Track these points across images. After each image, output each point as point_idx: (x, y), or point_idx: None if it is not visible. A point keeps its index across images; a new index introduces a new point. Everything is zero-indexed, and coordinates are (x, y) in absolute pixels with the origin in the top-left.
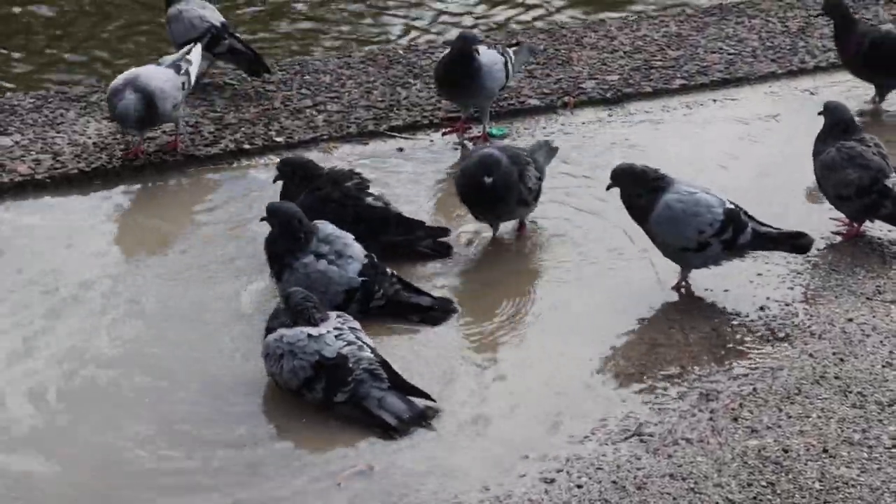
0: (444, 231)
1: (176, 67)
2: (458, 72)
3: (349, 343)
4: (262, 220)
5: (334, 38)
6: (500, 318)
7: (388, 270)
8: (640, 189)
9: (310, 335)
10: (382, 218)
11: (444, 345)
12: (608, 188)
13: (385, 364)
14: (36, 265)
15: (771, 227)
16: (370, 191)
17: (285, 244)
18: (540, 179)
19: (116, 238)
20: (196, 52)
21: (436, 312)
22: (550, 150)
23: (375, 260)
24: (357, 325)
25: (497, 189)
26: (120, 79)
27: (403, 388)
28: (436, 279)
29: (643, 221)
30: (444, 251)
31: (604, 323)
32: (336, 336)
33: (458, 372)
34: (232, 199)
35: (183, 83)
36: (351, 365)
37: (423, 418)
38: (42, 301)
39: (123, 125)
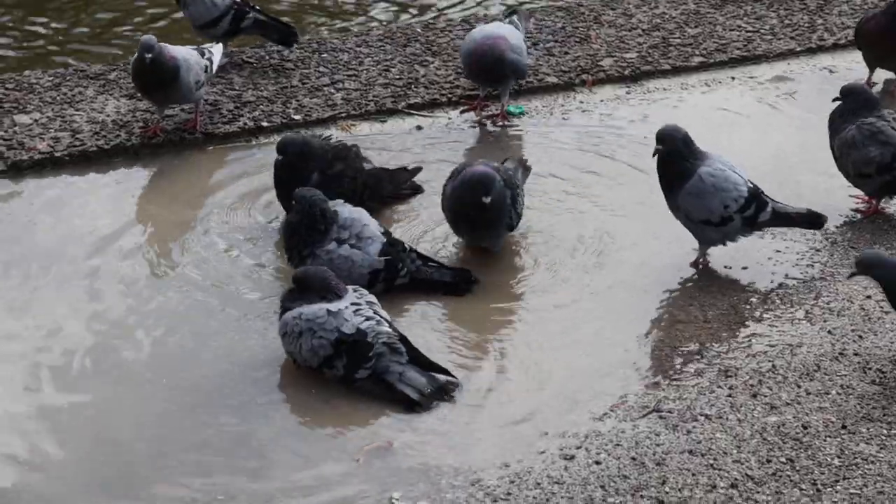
0: (416, 176)
1: (200, 51)
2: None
3: (368, 318)
4: (291, 206)
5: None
6: (516, 296)
7: (407, 246)
8: (687, 153)
9: (329, 311)
10: (379, 179)
11: (461, 323)
12: (655, 152)
13: (403, 338)
14: (56, 240)
15: (787, 205)
16: (362, 156)
17: (307, 234)
18: (522, 206)
19: (136, 214)
20: (217, 48)
21: (460, 285)
22: (525, 171)
23: (393, 237)
24: (374, 298)
25: (493, 210)
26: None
27: (422, 363)
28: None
29: (674, 188)
30: (418, 189)
31: (623, 300)
32: (354, 311)
33: (475, 350)
34: (250, 176)
35: (206, 66)
36: (370, 340)
37: (444, 392)
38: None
39: (145, 48)
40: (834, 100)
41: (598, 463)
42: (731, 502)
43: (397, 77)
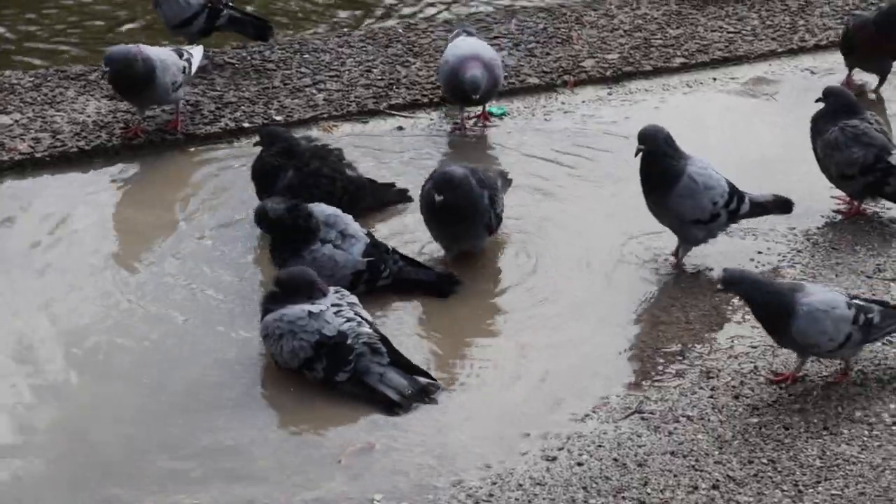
0: (405, 195)
1: (178, 52)
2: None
3: (348, 319)
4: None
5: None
6: (499, 299)
7: (390, 247)
8: (671, 152)
9: (310, 312)
10: (360, 187)
11: (443, 325)
12: (637, 152)
13: (384, 340)
14: (35, 240)
15: (757, 194)
16: (345, 161)
17: (291, 239)
18: (501, 211)
19: (117, 215)
20: (197, 50)
21: (443, 286)
22: (506, 182)
23: (376, 238)
24: (355, 299)
25: (450, 210)
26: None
27: (403, 364)
28: (437, 266)
29: (661, 190)
30: (406, 198)
31: (604, 302)
32: (335, 313)
33: (457, 351)
34: (231, 177)
35: (184, 67)
36: (350, 342)
37: (425, 394)
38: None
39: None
40: (817, 100)
41: (580, 464)
42: (712, 503)
43: (379, 78)
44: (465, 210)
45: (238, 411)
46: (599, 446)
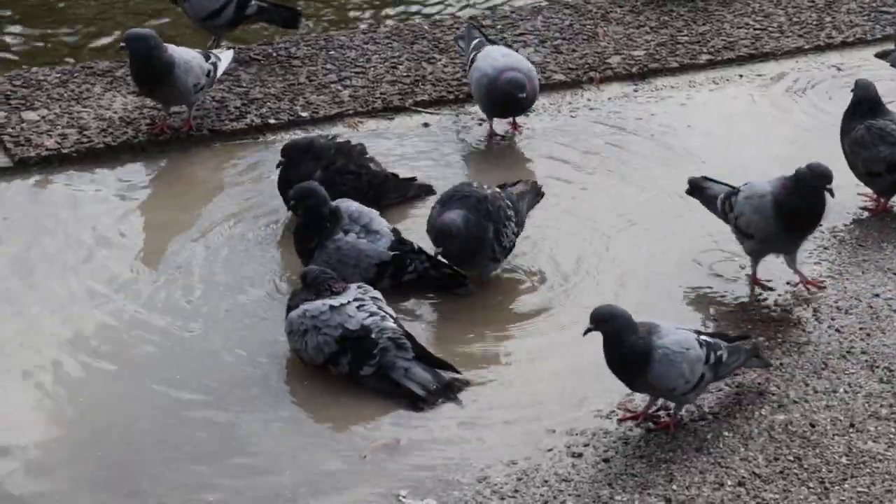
0: (428, 189)
1: (205, 55)
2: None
3: (371, 314)
4: (291, 208)
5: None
6: (522, 295)
7: (416, 246)
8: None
9: (332, 307)
10: (384, 181)
11: (467, 321)
12: (585, 333)
13: (408, 335)
14: (61, 235)
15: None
16: (368, 156)
17: (315, 233)
18: (516, 235)
19: (143, 211)
20: (227, 54)
21: (465, 283)
22: (536, 196)
23: (402, 236)
24: (378, 294)
25: (452, 258)
26: None
27: (428, 359)
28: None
29: (634, 374)
30: (430, 191)
31: (629, 298)
32: (358, 307)
33: (481, 348)
34: (258, 173)
35: (209, 71)
36: (374, 336)
37: (450, 390)
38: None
39: (128, 39)
40: (851, 90)
41: (606, 461)
42: (738, 500)
43: (404, 74)
44: (465, 255)
45: (263, 407)
46: (625, 443)
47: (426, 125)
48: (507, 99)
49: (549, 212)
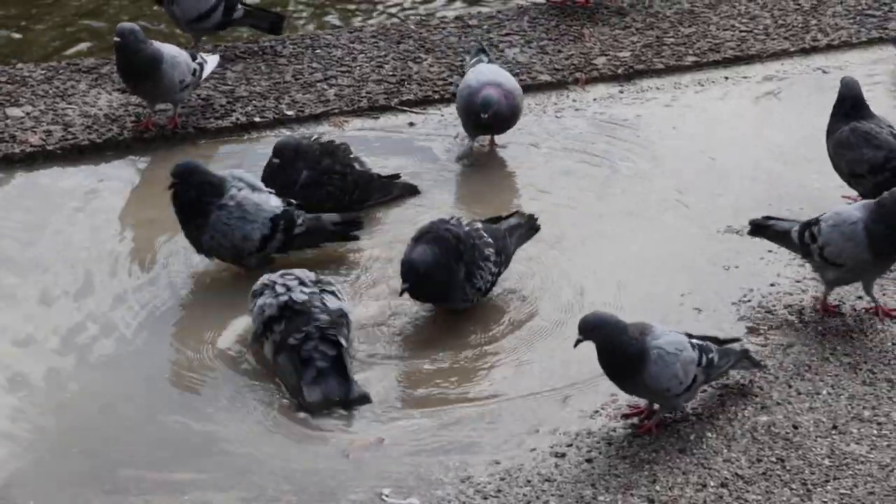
0: (412, 189)
1: (192, 55)
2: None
3: (317, 304)
4: (171, 187)
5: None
6: (509, 294)
7: (295, 202)
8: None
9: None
10: (370, 181)
11: (452, 322)
12: (576, 344)
13: (338, 343)
14: (45, 232)
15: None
16: (353, 155)
17: (205, 203)
18: (498, 273)
19: (127, 207)
20: (213, 58)
21: (347, 230)
22: (530, 230)
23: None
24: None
25: (418, 296)
26: None
27: (343, 370)
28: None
29: (627, 375)
30: (414, 191)
31: (612, 299)
32: (309, 292)
33: (465, 347)
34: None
35: (195, 70)
36: (314, 314)
37: (349, 405)
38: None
39: (117, 33)
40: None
41: (589, 461)
42: (721, 501)
43: (390, 73)
44: (431, 295)
45: (242, 406)
46: (609, 443)
47: (412, 124)
48: (476, 117)
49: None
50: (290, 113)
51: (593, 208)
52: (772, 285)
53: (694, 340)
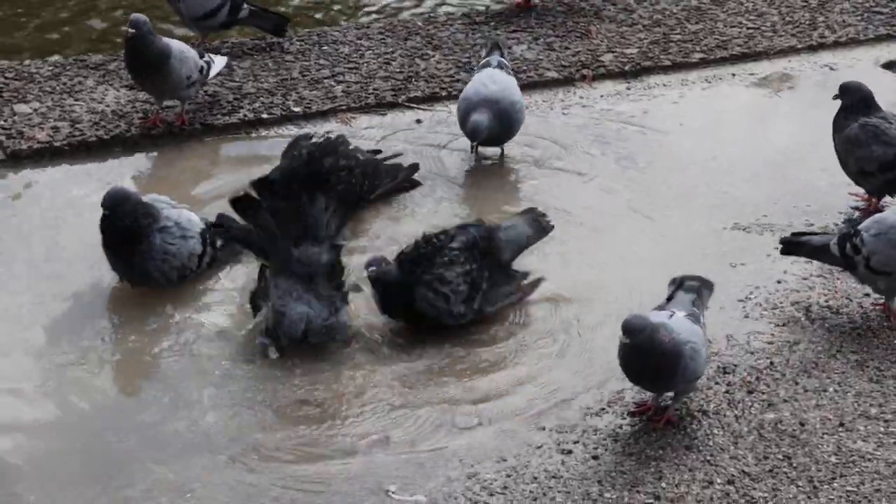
0: (415, 167)
1: (200, 53)
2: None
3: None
4: (105, 219)
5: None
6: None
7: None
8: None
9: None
10: (376, 167)
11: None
12: (624, 346)
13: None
14: (52, 229)
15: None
16: (352, 147)
17: (137, 230)
18: (476, 278)
19: None
20: (221, 59)
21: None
22: (539, 232)
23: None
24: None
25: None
26: None
27: None
28: None
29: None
30: (416, 184)
31: (619, 295)
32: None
33: (473, 344)
34: (250, 168)
35: (202, 67)
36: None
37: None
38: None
39: (131, 24)
40: (834, 97)
41: (595, 458)
42: (727, 498)
43: (398, 70)
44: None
45: (250, 404)
46: (615, 440)
47: (419, 121)
48: (469, 134)
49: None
50: (297, 110)
51: (599, 205)
52: (778, 282)
53: (690, 316)
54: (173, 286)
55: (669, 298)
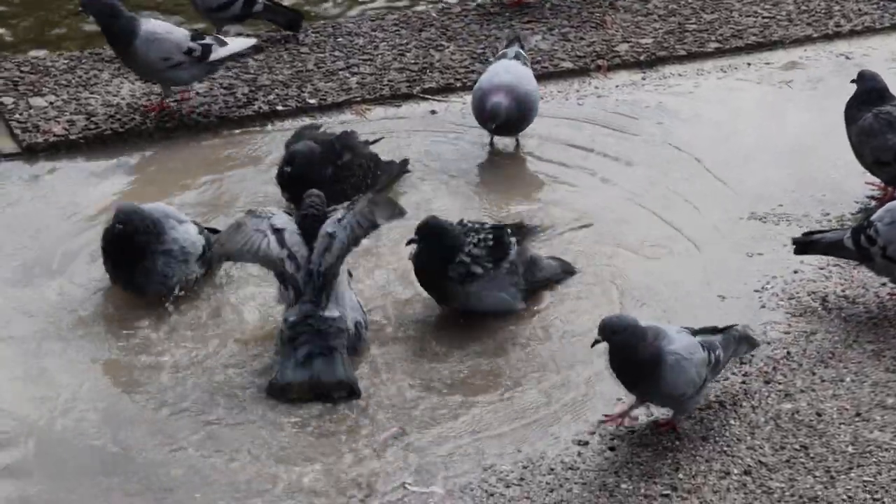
0: (405, 162)
1: (194, 34)
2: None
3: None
4: (118, 233)
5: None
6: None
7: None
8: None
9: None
10: (377, 162)
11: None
12: (594, 344)
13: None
14: (68, 222)
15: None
16: (360, 140)
17: (145, 242)
18: (504, 268)
19: (150, 197)
20: (238, 41)
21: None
22: (566, 273)
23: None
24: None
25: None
26: None
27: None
28: None
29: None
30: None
31: (639, 283)
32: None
33: (489, 337)
34: (265, 160)
35: (192, 49)
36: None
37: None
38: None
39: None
40: (852, 81)
41: (612, 449)
42: (744, 489)
43: (412, 62)
44: (432, 253)
45: (268, 399)
46: (631, 431)
47: (433, 112)
48: (486, 123)
49: (553, 198)
50: (312, 101)
51: (615, 195)
52: (795, 272)
53: (699, 338)
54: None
55: (701, 332)
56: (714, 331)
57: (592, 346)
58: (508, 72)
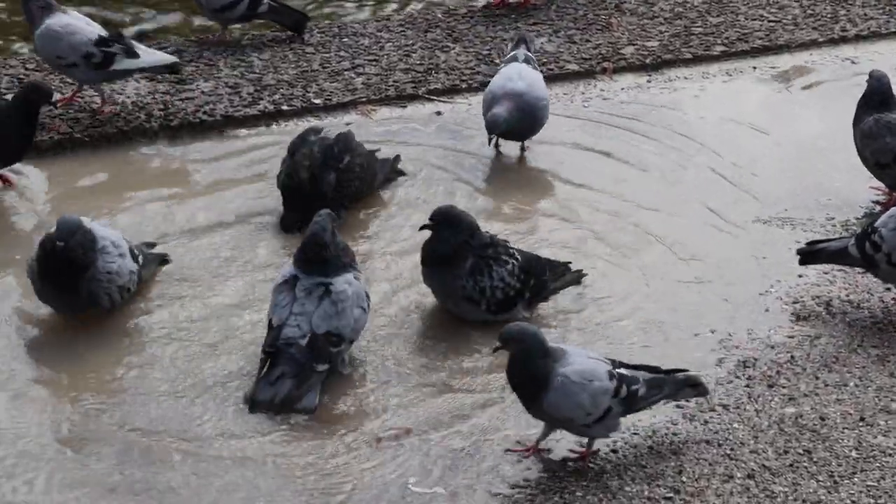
0: (397, 158)
1: (108, 39)
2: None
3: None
4: (61, 251)
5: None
6: None
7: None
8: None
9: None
10: (373, 162)
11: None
12: (494, 350)
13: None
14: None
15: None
16: (357, 141)
17: (84, 260)
18: (515, 291)
19: (153, 195)
20: (156, 55)
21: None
22: (574, 281)
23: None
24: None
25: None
26: None
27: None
28: None
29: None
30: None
31: (642, 287)
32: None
33: (491, 340)
34: (269, 160)
35: (91, 55)
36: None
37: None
38: None
39: None
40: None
41: (614, 451)
42: (747, 493)
43: (418, 62)
44: (440, 251)
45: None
46: (634, 433)
47: (439, 113)
48: (488, 130)
49: (556, 199)
50: (317, 101)
51: (619, 197)
52: (799, 276)
53: (619, 370)
54: (117, 307)
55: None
56: (656, 371)
57: (494, 352)
58: (522, 77)
